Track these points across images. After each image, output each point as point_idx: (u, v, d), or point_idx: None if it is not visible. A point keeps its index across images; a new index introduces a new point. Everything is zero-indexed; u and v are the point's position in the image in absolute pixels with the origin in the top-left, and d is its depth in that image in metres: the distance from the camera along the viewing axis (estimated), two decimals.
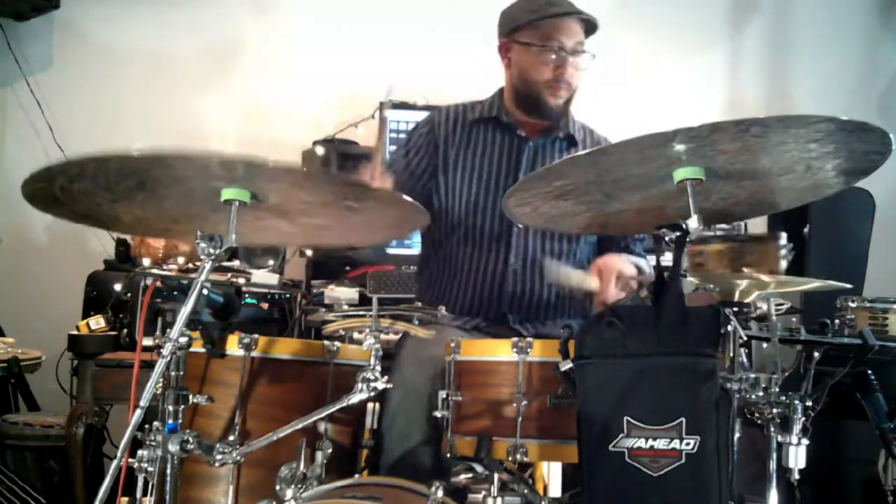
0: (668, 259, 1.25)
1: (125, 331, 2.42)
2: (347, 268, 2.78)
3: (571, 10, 1.93)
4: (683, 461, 1.20)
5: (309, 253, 2.91)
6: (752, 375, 1.36)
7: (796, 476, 1.40)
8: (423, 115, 3.10)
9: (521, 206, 1.44)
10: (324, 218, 1.41)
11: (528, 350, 1.43)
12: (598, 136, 2.13)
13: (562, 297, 1.99)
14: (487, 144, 2.04)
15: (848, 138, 1.17)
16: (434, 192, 2.03)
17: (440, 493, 1.31)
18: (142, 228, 1.48)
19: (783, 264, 1.46)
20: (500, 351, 1.47)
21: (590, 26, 1.95)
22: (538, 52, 1.94)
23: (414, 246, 2.71)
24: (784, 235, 1.49)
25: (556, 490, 1.87)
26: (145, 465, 1.23)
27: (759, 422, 1.42)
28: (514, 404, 1.41)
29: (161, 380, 1.23)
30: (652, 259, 1.96)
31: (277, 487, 1.25)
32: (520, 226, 1.97)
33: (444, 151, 2.04)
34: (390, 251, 2.82)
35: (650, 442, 1.21)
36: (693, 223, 1.21)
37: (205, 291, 1.28)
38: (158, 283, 1.43)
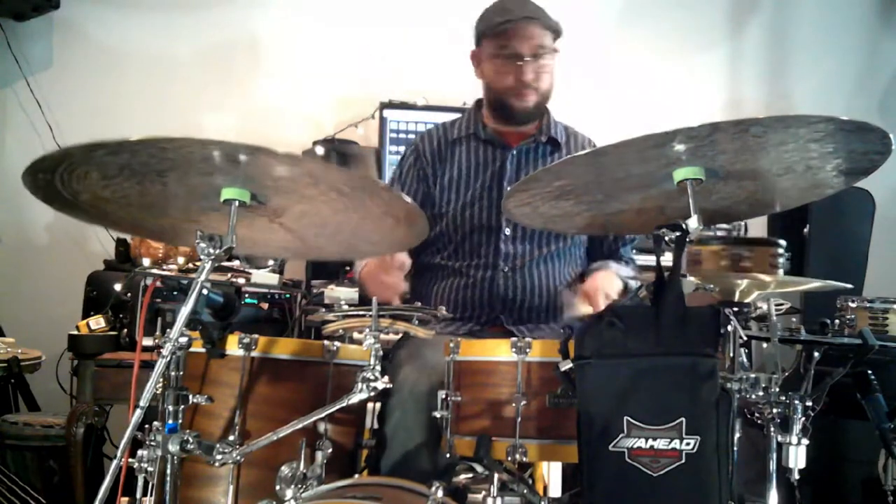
0: (668, 259, 1.25)
1: (125, 331, 2.42)
2: (347, 268, 2.78)
3: (523, 15, 1.92)
4: (683, 461, 1.20)
5: None
6: (752, 375, 1.36)
7: (796, 476, 1.40)
8: (423, 115, 3.15)
9: (521, 206, 1.44)
10: (324, 227, 1.41)
11: (528, 350, 1.43)
12: (581, 137, 2.13)
13: (553, 299, 1.99)
14: (471, 160, 2.05)
15: (848, 138, 1.17)
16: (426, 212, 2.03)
17: (440, 493, 1.31)
18: (141, 228, 1.47)
19: (780, 272, 1.46)
20: (499, 351, 1.46)
21: (551, 25, 1.93)
22: (497, 61, 1.96)
23: None
24: (783, 242, 1.49)
25: (556, 490, 1.87)
26: (145, 465, 1.23)
27: (759, 422, 1.42)
28: (514, 404, 1.41)
29: (161, 380, 1.23)
30: (648, 259, 1.97)
31: (277, 487, 1.25)
32: (507, 232, 1.98)
33: (431, 175, 2.06)
34: None
35: (650, 442, 1.21)
36: (693, 223, 1.21)
37: (205, 291, 1.28)
38: (158, 283, 1.43)
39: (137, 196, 1.28)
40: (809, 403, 1.40)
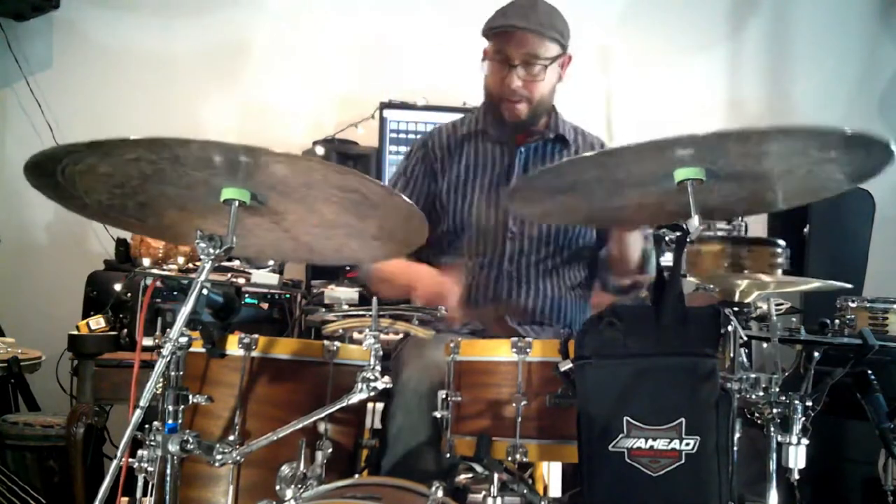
0: (668, 259, 1.25)
1: (125, 331, 2.42)
2: (347, 268, 2.79)
3: (521, 25, 1.87)
4: (683, 461, 1.20)
5: None
6: (752, 375, 1.36)
7: (796, 476, 1.40)
8: (422, 115, 3.15)
9: (523, 200, 1.44)
10: (325, 229, 1.41)
11: (528, 350, 1.43)
12: (590, 137, 2.12)
13: (556, 301, 1.99)
14: (479, 157, 2.05)
15: (851, 147, 1.17)
16: (432, 209, 2.03)
17: (440, 493, 1.31)
18: (142, 227, 1.47)
19: (779, 272, 1.46)
20: (499, 351, 1.46)
21: (553, 36, 1.90)
22: (493, 63, 1.94)
23: None
24: (782, 242, 1.49)
25: (556, 490, 1.87)
26: (145, 465, 1.23)
27: (759, 422, 1.43)
28: (514, 404, 1.41)
29: (161, 380, 1.23)
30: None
31: (277, 487, 1.25)
32: (513, 230, 1.98)
33: (440, 170, 2.05)
34: None
35: (650, 442, 1.21)
36: (694, 223, 1.21)
37: (205, 291, 1.28)
38: (158, 283, 1.42)
39: (137, 194, 1.28)
40: (809, 403, 1.40)
